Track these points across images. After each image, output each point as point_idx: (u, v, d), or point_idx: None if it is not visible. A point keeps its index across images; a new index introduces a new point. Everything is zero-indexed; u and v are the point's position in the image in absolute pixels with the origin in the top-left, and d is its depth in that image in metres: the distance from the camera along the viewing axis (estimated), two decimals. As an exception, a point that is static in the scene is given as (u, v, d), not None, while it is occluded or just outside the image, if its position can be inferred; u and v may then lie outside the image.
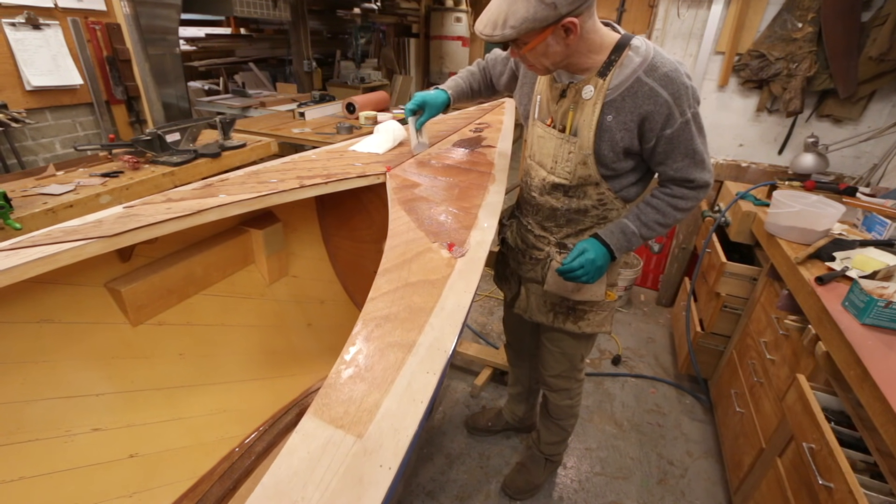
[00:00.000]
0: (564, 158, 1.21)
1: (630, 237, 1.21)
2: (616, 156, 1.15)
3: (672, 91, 1.04)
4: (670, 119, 1.06)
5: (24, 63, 2.40)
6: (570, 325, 1.40)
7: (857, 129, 2.41)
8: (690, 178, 1.14)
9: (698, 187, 1.16)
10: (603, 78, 1.09)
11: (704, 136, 1.13)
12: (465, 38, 6.49)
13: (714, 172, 1.24)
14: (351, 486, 0.58)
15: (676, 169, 1.13)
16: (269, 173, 1.46)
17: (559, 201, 1.28)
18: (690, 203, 1.18)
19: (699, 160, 1.12)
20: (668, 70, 1.04)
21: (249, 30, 5.51)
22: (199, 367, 1.48)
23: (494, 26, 0.99)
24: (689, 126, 1.08)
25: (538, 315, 1.46)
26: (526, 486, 1.77)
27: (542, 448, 1.78)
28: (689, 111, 1.07)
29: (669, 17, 2.59)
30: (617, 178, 1.22)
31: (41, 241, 1.01)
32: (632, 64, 1.06)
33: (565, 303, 1.38)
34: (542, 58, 1.06)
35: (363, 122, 3.16)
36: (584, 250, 1.20)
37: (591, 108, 1.12)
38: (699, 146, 1.11)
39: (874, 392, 1.01)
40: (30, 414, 1.12)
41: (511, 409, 2.00)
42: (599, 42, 1.08)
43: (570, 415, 1.67)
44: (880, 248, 1.54)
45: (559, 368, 1.54)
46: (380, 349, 0.78)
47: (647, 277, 3.24)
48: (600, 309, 1.38)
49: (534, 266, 1.41)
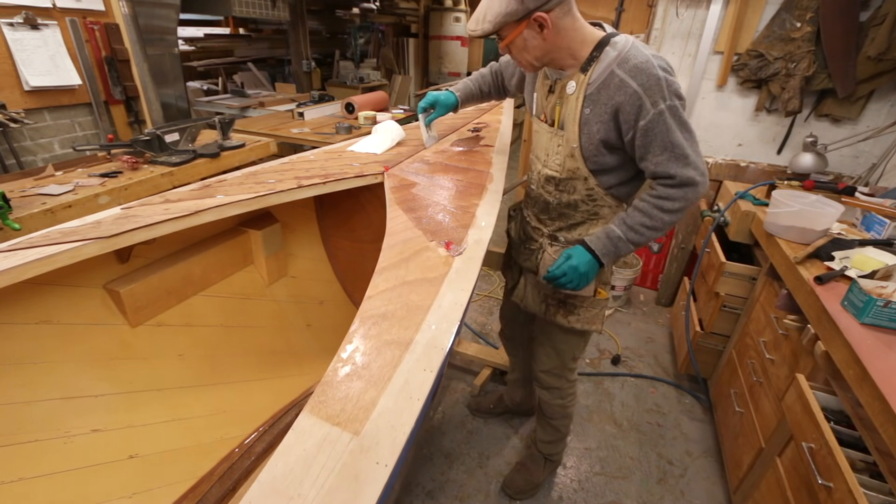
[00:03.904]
0: (554, 151, 1.27)
1: (616, 242, 1.20)
2: (596, 148, 1.17)
3: (641, 82, 1.06)
4: (642, 110, 1.07)
5: (22, 63, 2.40)
6: (561, 319, 1.43)
7: (855, 128, 2.41)
8: (671, 173, 1.10)
9: (682, 185, 1.11)
10: (584, 73, 1.14)
11: (690, 132, 1.10)
12: (464, 38, 6.49)
13: (711, 172, 1.23)
14: (347, 483, 0.58)
15: (657, 163, 1.11)
16: (267, 174, 1.46)
17: (551, 195, 1.34)
18: (677, 204, 1.13)
19: (679, 154, 1.09)
20: (638, 62, 1.06)
21: (248, 30, 5.51)
22: (198, 368, 1.48)
23: (477, 22, 1.10)
24: (663, 117, 1.06)
25: (532, 305, 1.50)
26: (526, 485, 1.78)
27: (540, 447, 1.80)
28: (664, 103, 1.06)
29: (668, 16, 2.59)
30: (604, 174, 1.24)
31: (39, 242, 1.01)
32: (608, 58, 1.11)
33: (556, 295, 1.42)
34: (523, 52, 1.14)
35: (362, 122, 3.16)
36: (569, 256, 1.23)
37: (574, 103, 1.17)
38: (679, 140, 1.08)
39: (873, 391, 1.01)
40: (29, 415, 1.12)
41: (510, 395, 2.08)
42: (581, 39, 1.13)
43: (562, 415, 1.69)
44: (879, 248, 1.54)
45: (550, 364, 1.57)
46: (377, 347, 0.78)
47: (647, 277, 3.24)
48: (591, 306, 1.39)
49: (529, 256, 1.47)
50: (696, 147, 1.12)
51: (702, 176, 1.11)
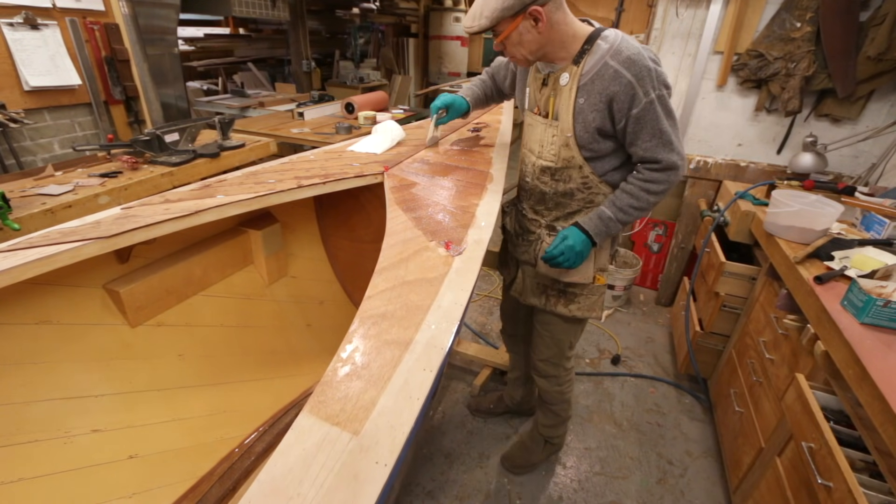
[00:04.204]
0: (549, 142, 1.32)
1: (607, 222, 1.30)
2: (591, 136, 1.24)
3: (634, 72, 1.12)
4: (635, 99, 1.14)
5: (22, 63, 2.40)
6: (562, 308, 1.48)
7: (855, 128, 2.41)
8: (658, 157, 1.20)
9: (666, 168, 1.21)
10: (577, 65, 1.20)
11: (674, 120, 1.20)
12: (464, 38, 6.49)
13: (711, 172, 1.26)
14: (347, 482, 0.58)
15: (645, 149, 1.20)
16: (267, 174, 1.46)
17: (547, 185, 1.38)
18: (661, 187, 1.23)
19: (666, 141, 1.18)
20: (630, 53, 1.13)
21: (248, 30, 5.51)
22: (198, 368, 1.48)
23: (473, 18, 1.15)
24: (653, 106, 1.14)
25: (532, 297, 1.54)
26: (524, 462, 1.87)
27: (541, 430, 1.86)
28: (654, 92, 1.14)
29: (668, 16, 2.59)
30: (598, 161, 1.30)
31: (39, 242, 1.01)
32: (600, 50, 1.16)
33: (556, 285, 1.47)
34: (518, 47, 1.19)
35: (362, 122, 3.16)
36: (565, 237, 1.32)
37: (567, 93, 1.22)
38: (666, 127, 1.17)
39: (873, 391, 1.01)
40: (29, 415, 1.12)
41: (510, 394, 2.09)
42: (572, 34, 1.20)
43: (561, 400, 1.75)
44: (879, 248, 1.54)
45: (548, 353, 1.63)
46: (376, 347, 0.78)
47: (647, 277, 3.24)
48: (590, 293, 1.45)
49: (527, 248, 1.51)
50: (678, 133, 1.22)
51: (682, 160, 1.22)
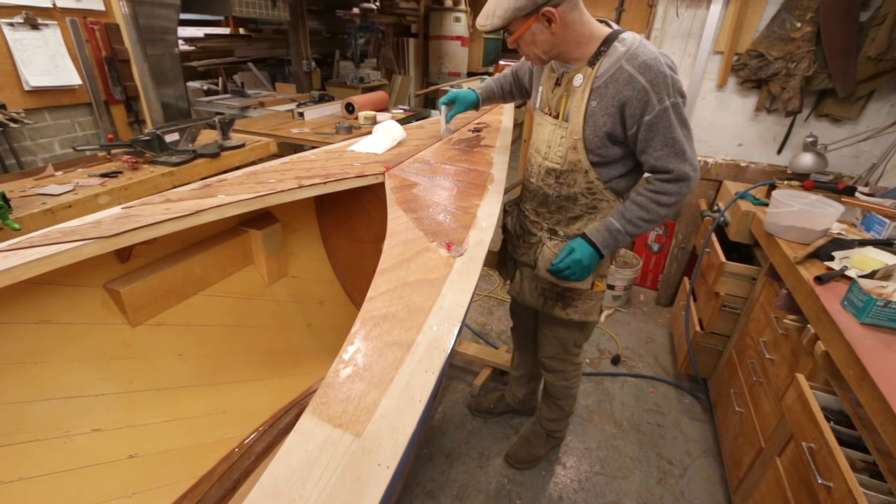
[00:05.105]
0: (557, 143, 1.29)
1: (615, 234, 1.26)
2: (600, 140, 1.21)
3: (650, 78, 1.09)
4: (648, 105, 1.11)
5: (22, 63, 2.40)
6: (559, 311, 1.47)
7: (855, 128, 2.42)
8: (669, 167, 1.16)
9: (678, 179, 1.17)
10: (592, 67, 1.17)
11: (688, 130, 1.16)
12: (465, 38, 6.49)
13: (711, 172, 1.25)
14: (349, 485, 0.58)
15: (657, 158, 1.17)
16: (267, 173, 1.46)
17: (551, 187, 1.36)
18: (673, 199, 1.20)
19: (679, 150, 1.15)
20: (647, 58, 1.10)
21: (248, 30, 5.50)
22: (198, 368, 1.48)
23: (486, 17, 1.13)
24: (667, 114, 1.11)
25: (530, 299, 1.54)
26: (527, 457, 1.87)
27: (544, 424, 1.87)
28: (669, 100, 1.11)
29: (668, 16, 2.59)
30: (605, 167, 1.27)
31: (40, 241, 1.01)
32: (616, 53, 1.14)
33: (554, 289, 1.46)
34: (531, 46, 1.17)
35: (362, 122, 3.16)
36: (572, 250, 1.29)
37: (580, 95, 1.20)
38: (679, 136, 1.14)
39: (873, 391, 1.01)
40: (29, 414, 1.12)
41: (512, 392, 2.08)
42: (588, 34, 1.17)
43: (567, 395, 1.76)
44: (879, 248, 1.54)
45: (552, 351, 1.64)
46: (378, 348, 0.78)
47: (647, 277, 3.24)
48: (588, 298, 1.44)
49: (527, 250, 1.50)
50: (692, 143, 1.18)
51: (695, 171, 1.18)
